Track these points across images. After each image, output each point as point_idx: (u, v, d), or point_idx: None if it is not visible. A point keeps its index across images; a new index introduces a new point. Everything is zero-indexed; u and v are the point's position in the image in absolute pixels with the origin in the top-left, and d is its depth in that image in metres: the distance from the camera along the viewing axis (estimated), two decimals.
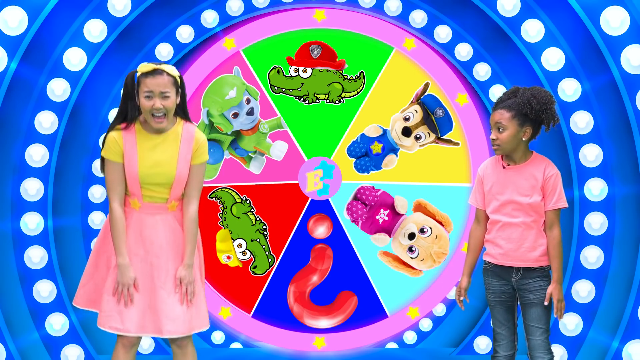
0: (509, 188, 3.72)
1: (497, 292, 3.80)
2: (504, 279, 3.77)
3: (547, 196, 3.68)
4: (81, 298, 3.76)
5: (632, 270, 4.80)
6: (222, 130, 5.29)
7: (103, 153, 3.62)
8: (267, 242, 5.52)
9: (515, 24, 5.11)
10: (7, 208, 4.96)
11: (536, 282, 3.69)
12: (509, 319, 3.80)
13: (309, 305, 5.55)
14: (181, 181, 3.65)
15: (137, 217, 3.64)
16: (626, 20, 4.64)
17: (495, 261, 3.77)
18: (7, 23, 4.68)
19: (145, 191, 3.62)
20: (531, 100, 3.65)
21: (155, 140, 3.62)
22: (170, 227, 3.66)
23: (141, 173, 3.59)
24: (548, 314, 3.71)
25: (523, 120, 3.68)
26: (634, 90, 4.67)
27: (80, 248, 5.24)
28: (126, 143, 3.59)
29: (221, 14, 5.36)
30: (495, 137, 3.70)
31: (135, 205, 3.63)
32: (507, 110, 3.67)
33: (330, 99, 5.50)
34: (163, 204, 3.65)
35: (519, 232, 3.70)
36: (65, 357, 5.05)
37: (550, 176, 3.68)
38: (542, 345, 3.70)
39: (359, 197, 5.42)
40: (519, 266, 3.71)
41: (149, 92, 3.55)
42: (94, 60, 5.07)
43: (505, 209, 3.73)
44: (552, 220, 3.69)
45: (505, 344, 3.81)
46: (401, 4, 5.39)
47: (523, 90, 3.70)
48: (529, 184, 3.69)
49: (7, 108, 4.83)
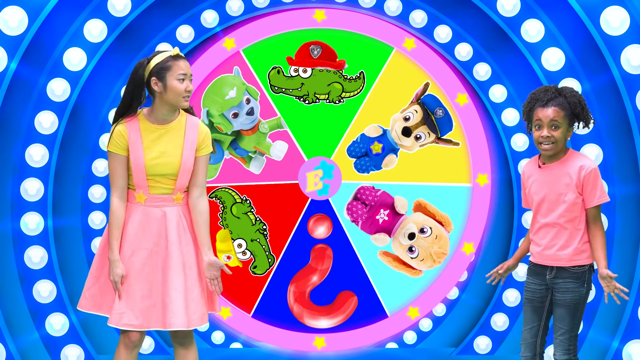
0: (544, 188, 3.73)
1: (529, 290, 3.82)
2: (539, 278, 3.78)
3: (588, 194, 3.67)
4: (86, 302, 3.73)
5: (632, 270, 4.80)
6: (222, 130, 5.29)
7: (108, 146, 3.63)
8: (267, 242, 5.52)
9: (515, 24, 5.11)
10: (7, 208, 4.96)
11: (566, 283, 3.70)
12: (534, 320, 3.80)
13: (309, 305, 5.55)
14: (186, 171, 3.66)
15: (143, 211, 3.64)
16: (626, 20, 4.63)
17: (534, 260, 3.80)
18: (7, 23, 4.68)
19: (151, 182, 3.63)
20: (581, 100, 3.70)
21: (160, 131, 3.64)
22: (177, 219, 3.66)
23: (147, 163, 3.60)
24: (573, 317, 3.71)
25: (572, 120, 3.71)
26: (634, 90, 4.67)
27: (80, 248, 5.24)
28: (131, 135, 3.60)
29: (221, 14, 5.36)
30: (549, 135, 3.67)
31: (141, 198, 3.64)
32: (561, 109, 3.68)
33: (330, 99, 5.50)
34: (169, 196, 3.66)
35: (553, 232, 3.71)
36: (65, 357, 5.05)
37: (588, 173, 3.66)
38: (561, 345, 3.72)
39: (359, 197, 5.42)
40: (553, 265, 3.72)
41: (183, 74, 3.60)
42: (94, 60, 5.07)
43: (542, 209, 3.74)
44: (595, 215, 3.69)
45: (527, 345, 3.82)
46: (401, 4, 5.39)
47: (567, 89, 3.72)
48: (563, 183, 3.68)
49: (7, 108, 4.83)
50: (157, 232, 3.63)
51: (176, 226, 3.65)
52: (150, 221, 3.63)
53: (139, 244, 3.62)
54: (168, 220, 3.64)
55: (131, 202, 3.66)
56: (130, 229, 3.63)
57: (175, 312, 3.58)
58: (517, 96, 5.32)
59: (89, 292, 3.71)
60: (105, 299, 3.68)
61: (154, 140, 3.62)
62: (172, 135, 3.66)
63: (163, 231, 3.63)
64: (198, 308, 3.64)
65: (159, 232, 3.63)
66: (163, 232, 3.63)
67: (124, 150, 3.61)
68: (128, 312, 3.58)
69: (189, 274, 3.64)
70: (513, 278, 5.34)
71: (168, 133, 3.65)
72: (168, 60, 3.61)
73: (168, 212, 3.65)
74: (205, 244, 3.69)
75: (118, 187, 3.64)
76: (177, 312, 3.58)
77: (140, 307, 3.60)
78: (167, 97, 3.61)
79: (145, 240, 3.63)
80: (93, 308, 3.71)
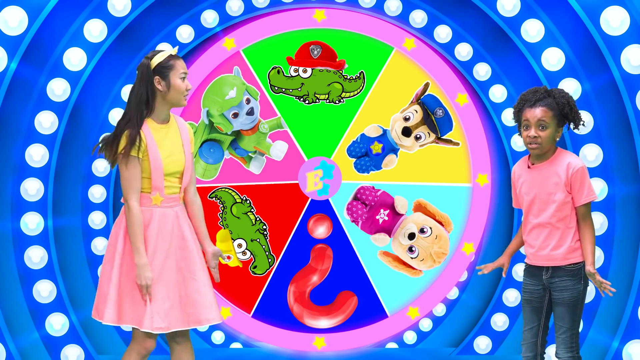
0: (534, 188, 3.74)
1: (527, 291, 3.83)
2: (536, 278, 3.79)
3: (576, 192, 3.68)
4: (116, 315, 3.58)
5: (632, 270, 4.80)
6: (222, 130, 5.29)
7: (127, 150, 3.55)
8: (267, 242, 5.52)
9: (515, 24, 5.11)
10: (7, 208, 4.96)
11: (563, 281, 3.71)
12: (534, 320, 3.82)
13: (309, 305, 5.55)
14: (189, 168, 3.72)
15: (159, 213, 3.64)
16: (626, 20, 4.63)
17: (529, 261, 3.81)
18: (7, 23, 4.68)
19: (167, 182, 3.65)
20: (570, 101, 3.70)
21: (164, 130, 3.67)
22: (185, 218, 3.72)
23: (164, 162, 3.62)
24: (573, 314, 3.73)
25: (560, 120, 3.71)
26: (634, 90, 4.67)
27: (80, 248, 5.24)
28: (147, 136, 3.60)
29: (221, 14, 5.36)
30: (536, 135, 3.68)
31: (157, 200, 3.64)
32: (549, 109, 3.68)
33: (330, 99, 5.50)
34: (177, 195, 3.70)
35: (546, 232, 3.72)
36: (65, 357, 5.05)
37: (575, 172, 3.67)
38: (564, 343, 3.74)
39: (359, 197, 5.42)
40: (549, 265, 3.73)
41: (184, 73, 3.66)
42: (94, 60, 5.07)
43: (533, 209, 3.75)
44: (584, 214, 3.70)
45: (527, 345, 3.85)
46: (401, 4, 5.39)
47: (556, 90, 3.73)
48: (552, 182, 3.69)
49: (7, 108, 4.83)
50: (171, 232, 3.64)
51: (188, 225, 3.71)
52: (166, 222, 3.64)
53: (157, 246, 3.61)
54: (180, 220, 3.68)
55: (145, 205, 3.62)
56: (152, 232, 3.61)
57: (211, 307, 3.63)
58: (517, 96, 5.31)
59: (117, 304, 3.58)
60: (135, 308, 3.58)
61: (162, 140, 3.65)
62: (173, 134, 3.69)
63: (177, 231, 3.65)
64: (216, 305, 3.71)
65: (173, 232, 3.64)
66: (177, 232, 3.65)
67: (142, 153, 3.58)
68: (156, 316, 3.56)
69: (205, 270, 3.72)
70: (513, 278, 5.34)
71: (170, 132, 3.68)
72: (169, 59, 3.63)
73: (179, 211, 3.69)
74: (206, 236, 3.80)
75: (136, 190, 3.59)
76: (212, 306, 3.64)
77: (164, 309, 3.58)
78: (169, 96, 3.63)
79: (162, 242, 3.63)
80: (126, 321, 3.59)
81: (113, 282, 3.59)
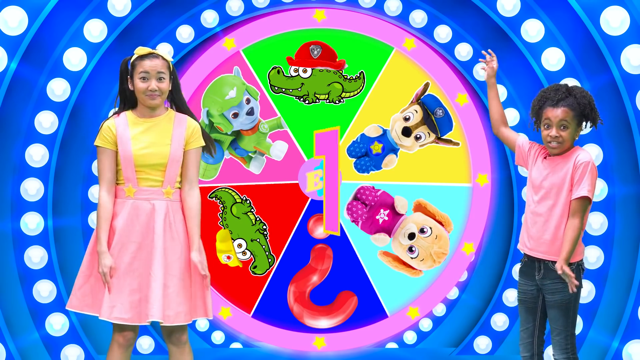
0: (544, 176, 3.73)
1: (521, 291, 3.85)
2: (529, 278, 3.79)
3: (575, 183, 3.66)
4: (77, 301, 3.70)
5: (632, 270, 4.80)
6: (222, 130, 5.29)
7: (96, 142, 3.69)
8: (267, 242, 5.52)
9: (515, 24, 5.11)
10: (7, 208, 4.96)
11: (555, 284, 3.70)
12: (529, 321, 3.83)
13: (309, 305, 5.55)
14: (175, 163, 3.68)
15: (132, 205, 3.66)
16: (626, 20, 4.64)
17: (525, 249, 3.78)
18: (7, 23, 4.69)
19: (140, 174, 3.66)
20: (591, 101, 3.70)
21: (148, 124, 3.70)
22: (165, 213, 3.67)
23: (135, 154, 3.64)
24: (567, 316, 3.72)
25: (580, 120, 3.70)
26: (634, 90, 4.67)
27: (80, 248, 5.24)
28: (119, 128, 3.67)
29: (221, 14, 5.36)
30: (558, 135, 3.67)
31: (130, 192, 3.66)
32: (571, 109, 3.67)
33: (330, 99, 5.50)
34: (158, 189, 3.68)
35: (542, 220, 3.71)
36: (65, 357, 5.05)
37: (580, 164, 3.65)
38: (558, 345, 3.74)
39: (359, 197, 5.42)
40: (542, 258, 3.71)
41: (144, 72, 3.66)
42: (94, 60, 5.07)
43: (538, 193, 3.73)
44: (575, 209, 3.66)
45: (524, 345, 3.86)
46: (401, 4, 5.39)
47: (577, 89, 3.71)
48: (562, 175, 3.69)
49: (7, 108, 4.84)
50: (146, 225, 3.64)
51: (163, 220, 3.65)
52: (139, 214, 3.65)
53: (128, 237, 3.63)
54: (156, 214, 3.65)
55: (120, 197, 3.68)
56: (119, 223, 3.64)
57: (153, 304, 3.57)
58: (517, 96, 5.32)
59: (80, 291, 3.69)
60: (97, 297, 3.66)
61: (143, 132, 3.67)
62: (160, 128, 3.70)
63: (151, 224, 3.64)
64: (174, 306, 3.61)
65: (148, 225, 3.64)
66: (151, 225, 3.64)
67: (112, 145, 3.66)
68: (119, 306, 3.58)
69: (168, 270, 3.62)
70: (513, 278, 5.34)
71: (156, 126, 3.70)
72: (135, 60, 3.71)
73: (157, 205, 3.67)
74: (194, 242, 3.69)
75: (106, 180, 3.67)
76: (154, 303, 3.57)
77: (130, 300, 3.59)
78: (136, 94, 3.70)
79: (134, 234, 3.64)
80: (84, 307, 3.69)
81: (81, 270, 3.70)
